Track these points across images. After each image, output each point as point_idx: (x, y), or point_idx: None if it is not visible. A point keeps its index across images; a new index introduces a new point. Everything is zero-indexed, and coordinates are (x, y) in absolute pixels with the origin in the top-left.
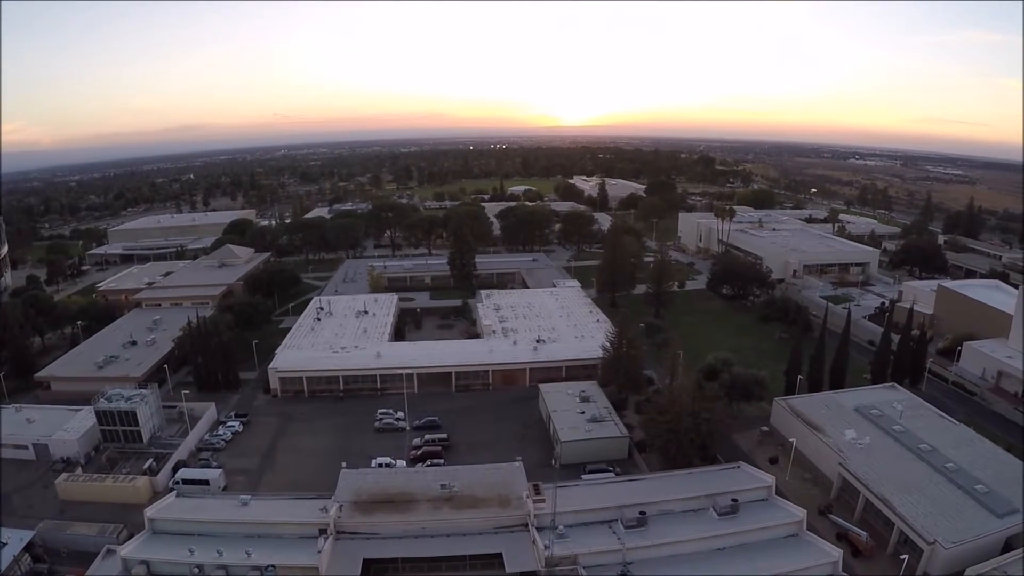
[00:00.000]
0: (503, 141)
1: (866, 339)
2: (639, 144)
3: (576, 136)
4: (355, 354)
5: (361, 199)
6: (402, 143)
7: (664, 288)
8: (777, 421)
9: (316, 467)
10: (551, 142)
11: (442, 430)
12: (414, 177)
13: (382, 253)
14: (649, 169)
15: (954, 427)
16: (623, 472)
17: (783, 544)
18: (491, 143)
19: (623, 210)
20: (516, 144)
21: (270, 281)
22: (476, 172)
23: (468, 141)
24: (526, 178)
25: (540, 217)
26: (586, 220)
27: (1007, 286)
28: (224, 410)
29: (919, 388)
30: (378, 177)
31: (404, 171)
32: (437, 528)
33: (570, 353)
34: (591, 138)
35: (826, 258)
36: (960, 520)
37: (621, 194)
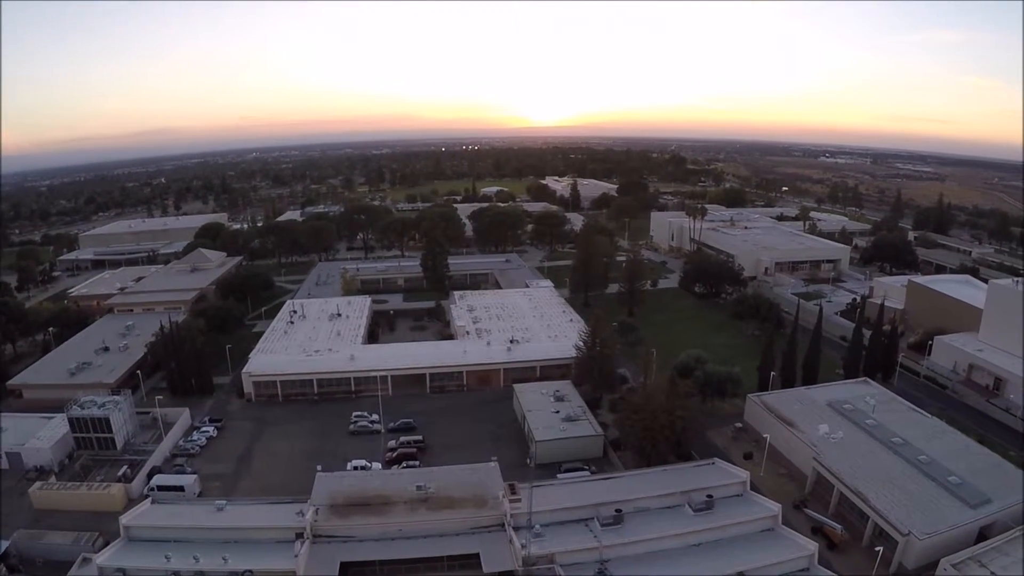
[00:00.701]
0: (475, 142)
1: (838, 335)
2: (611, 144)
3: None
4: (329, 357)
5: (333, 201)
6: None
7: (637, 287)
8: (751, 417)
9: (291, 471)
10: (523, 143)
11: (417, 432)
12: (386, 179)
13: (355, 255)
14: (621, 169)
15: (926, 420)
16: (598, 470)
17: (759, 539)
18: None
19: (595, 210)
20: (488, 145)
21: (242, 285)
22: (448, 173)
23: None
24: (498, 179)
25: (512, 218)
26: (558, 220)
27: (977, 281)
28: (198, 415)
29: (891, 382)
30: (350, 179)
31: (376, 173)
32: (414, 530)
33: (544, 353)
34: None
35: (798, 255)
36: (934, 511)
37: (593, 194)
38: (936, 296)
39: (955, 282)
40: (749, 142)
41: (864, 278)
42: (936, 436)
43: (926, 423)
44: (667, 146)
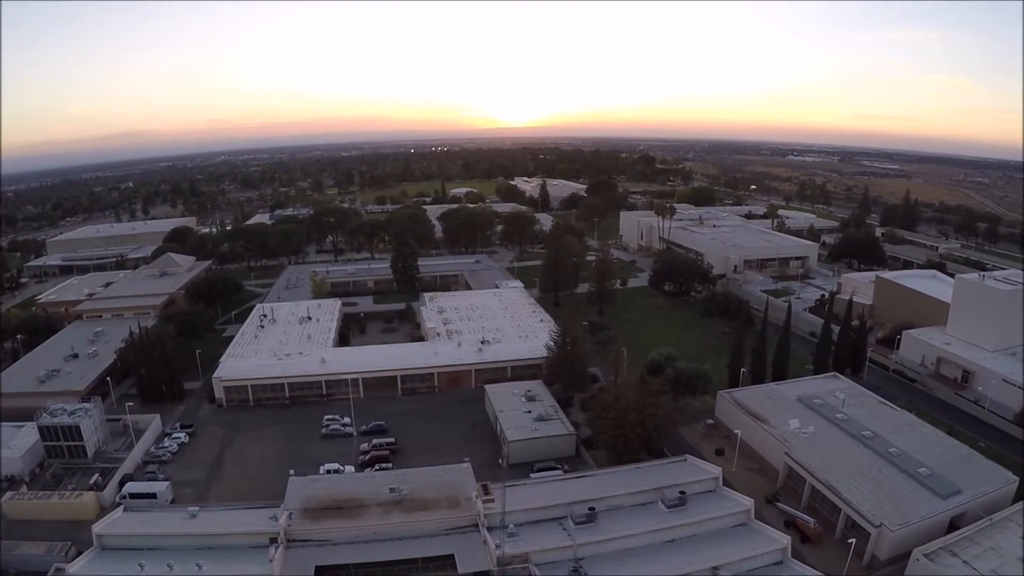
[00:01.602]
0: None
1: (807, 331)
2: (580, 145)
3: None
4: (300, 361)
5: (302, 204)
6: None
7: (606, 286)
8: (722, 414)
9: (264, 476)
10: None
11: (389, 434)
12: (355, 181)
13: (324, 258)
14: (590, 169)
15: (896, 413)
16: (571, 469)
17: (732, 533)
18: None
19: (565, 210)
20: (457, 146)
21: (212, 289)
22: (418, 175)
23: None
24: (468, 180)
25: (482, 219)
26: (528, 221)
27: (944, 275)
28: (169, 421)
29: (860, 377)
30: (319, 182)
31: (345, 175)
32: (388, 532)
33: (515, 353)
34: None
35: (766, 253)
36: (905, 503)
37: (562, 194)
38: (904, 291)
39: (922, 277)
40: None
41: (832, 274)
42: (906, 429)
43: (896, 416)
44: (636, 146)
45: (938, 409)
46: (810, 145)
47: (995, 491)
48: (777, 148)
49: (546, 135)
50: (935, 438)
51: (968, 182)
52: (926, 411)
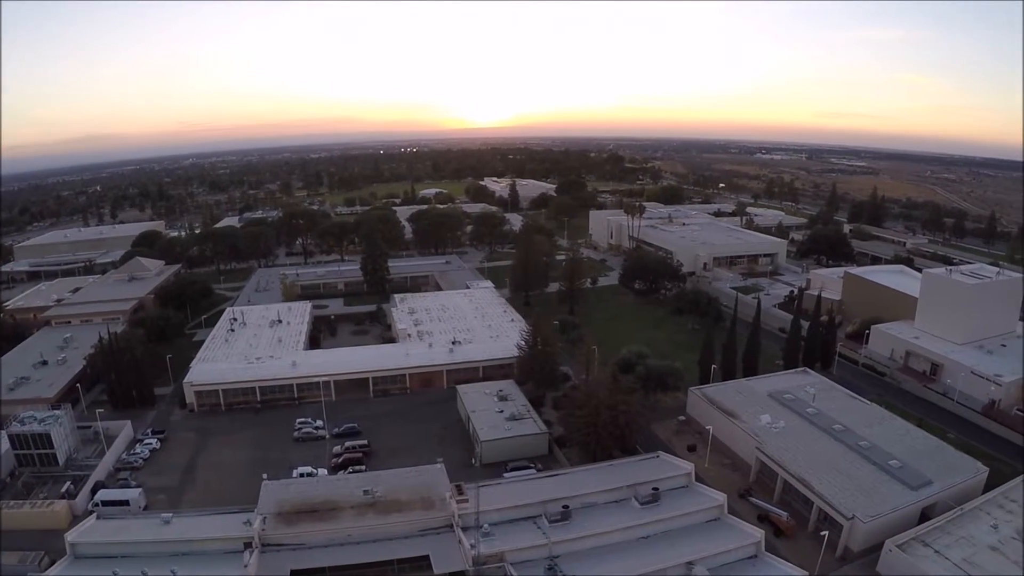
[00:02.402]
0: (413, 144)
1: (777, 327)
2: (549, 144)
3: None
4: (271, 364)
5: (271, 207)
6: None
7: (577, 285)
8: (693, 410)
9: (237, 480)
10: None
11: (362, 436)
12: (324, 183)
13: (294, 261)
14: (559, 169)
15: (866, 407)
16: (544, 468)
17: (706, 528)
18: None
19: (534, 210)
20: (427, 147)
21: (181, 293)
22: (387, 176)
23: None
24: (437, 181)
25: (452, 219)
26: (497, 221)
27: (911, 270)
28: (140, 427)
29: (830, 371)
30: (288, 184)
31: (314, 177)
32: (363, 534)
33: (486, 353)
34: (501, 139)
35: (735, 250)
36: (876, 495)
37: (532, 194)
38: (872, 286)
39: (890, 272)
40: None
41: (801, 271)
42: (876, 422)
43: (866, 409)
44: (605, 145)
45: (907, 402)
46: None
47: (965, 481)
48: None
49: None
50: (905, 430)
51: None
52: (896, 404)
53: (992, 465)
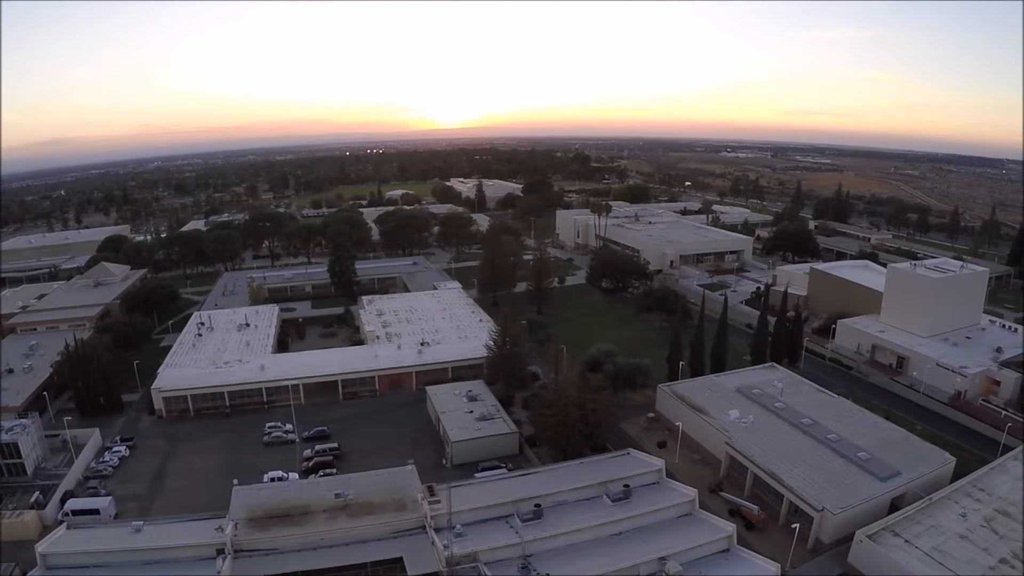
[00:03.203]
0: (380, 146)
1: (744, 323)
2: (515, 144)
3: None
4: (239, 368)
5: (238, 210)
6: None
7: (544, 285)
8: (662, 407)
9: (208, 486)
10: (428, 145)
11: (332, 439)
12: (291, 185)
13: (261, 264)
14: (525, 169)
15: (833, 400)
16: (515, 468)
17: (678, 524)
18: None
19: (501, 210)
20: (393, 148)
21: (148, 298)
22: (353, 178)
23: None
24: (404, 182)
25: (419, 220)
26: (465, 221)
27: (876, 265)
28: (109, 435)
29: (797, 366)
30: (254, 187)
31: (281, 179)
32: (336, 538)
33: (455, 354)
34: (468, 140)
35: (702, 248)
36: (846, 487)
37: (499, 194)
38: (837, 282)
39: (855, 267)
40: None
41: (767, 267)
42: (844, 415)
43: (833, 403)
44: (571, 145)
45: (874, 395)
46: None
47: (933, 472)
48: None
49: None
50: (872, 423)
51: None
52: (863, 397)
53: (959, 455)
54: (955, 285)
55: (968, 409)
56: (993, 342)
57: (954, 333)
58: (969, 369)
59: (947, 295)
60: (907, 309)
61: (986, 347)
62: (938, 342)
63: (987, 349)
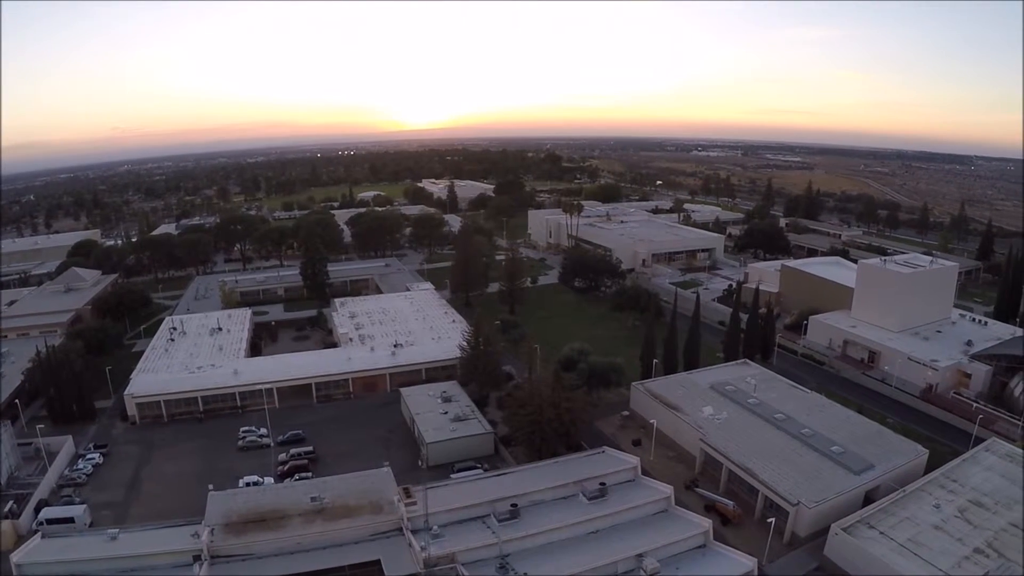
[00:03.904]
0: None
1: (716, 320)
2: (487, 145)
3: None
4: (212, 373)
5: (209, 213)
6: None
7: (517, 285)
8: (637, 405)
9: (183, 492)
10: (399, 146)
11: (307, 443)
12: (262, 188)
13: (233, 267)
14: (497, 169)
15: (806, 395)
16: (491, 468)
17: (654, 520)
18: (339, 150)
19: (473, 211)
20: (364, 150)
21: (119, 303)
22: (325, 180)
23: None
24: (375, 183)
25: (390, 222)
26: (437, 222)
27: (847, 261)
28: (82, 442)
29: (770, 362)
30: (225, 189)
31: (252, 182)
32: (313, 542)
33: (428, 355)
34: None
35: (673, 246)
36: (820, 481)
37: (470, 195)
38: (809, 278)
39: (826, 264)
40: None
41: (739, 265)
42: (817, 409)
43: (806, 398)
44: (542, 145)
45: (847, 389)
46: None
47: (906, 464)
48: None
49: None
50: (845, 417)
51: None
52: (835, 392)
53: (931, 447)
54: (925, 280)
55: (940, 402)
56: (963, 335)
57: (925, 327)
58: (940, 362)
59: (917, 290)
60: (878, 304)
61: (957, 341)
62: (909, 336)
63: (957, 343)
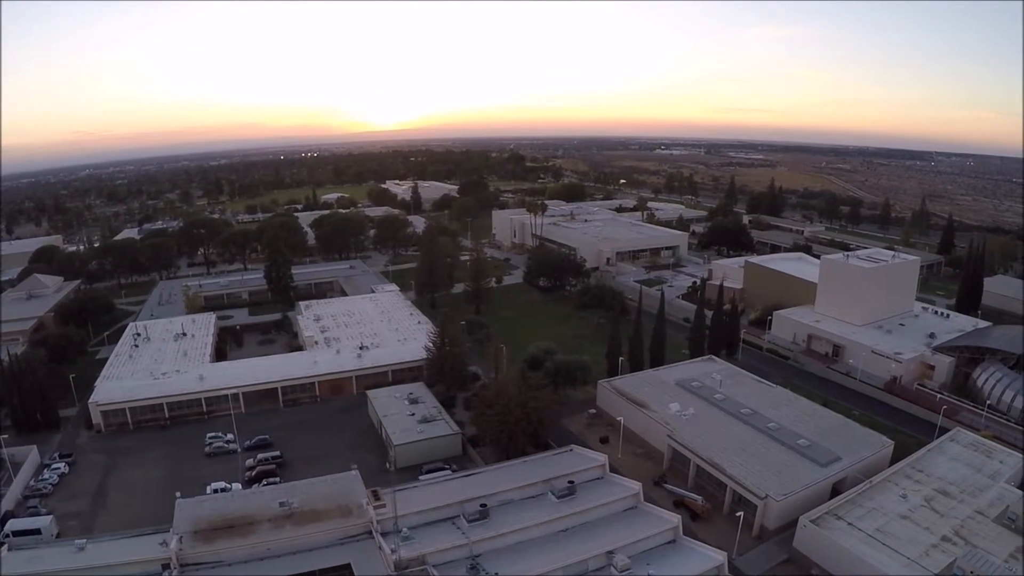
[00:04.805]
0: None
1: (681, 317)
2: (450, 146)
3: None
4: (177, 379)
5: (172, 217)
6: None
7: (482, 285)
8: (603, 402)
9: (151, 500)
10: (362, 148)
11: (274, 447)
12: (225, 191)
13: (197, 272)
14: (461, 170)
15: (771, 390)
16: (460, 468)
17: (623, 517)
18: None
19: (437, 211)
20: (328, 152)
21: (83, 310)
22: (288, 182)
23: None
24: (339, 185)
25: (354, 224)
26: (401, 224)
27: (810, 257)
28: (47, 452)
29: (735, 358)
30: (188, 193)
31: (215, 185)
32: (282, 547)
33: (394, 357)
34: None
35: (637, 244)
36: (788, 474)
37: (434, 196)
38: (772, 274)
39: (789, 260)
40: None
41: (703, 262)
42: (783, 404)
43: (772, 392)
44: (506, 145)
45: (812, 383)
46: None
47: (872, 455)
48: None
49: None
50: (811, 410)
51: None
52: (800, 386)
53: (897, 438)
54: (887, 274)
55: (904, 394)
56: (926, 328)
57: (888, 321)
58: (904, 355)
59: (880, 284)
60: (841, 299)
61: (919, 333)
62: (872, 330)
63: (920, 335)
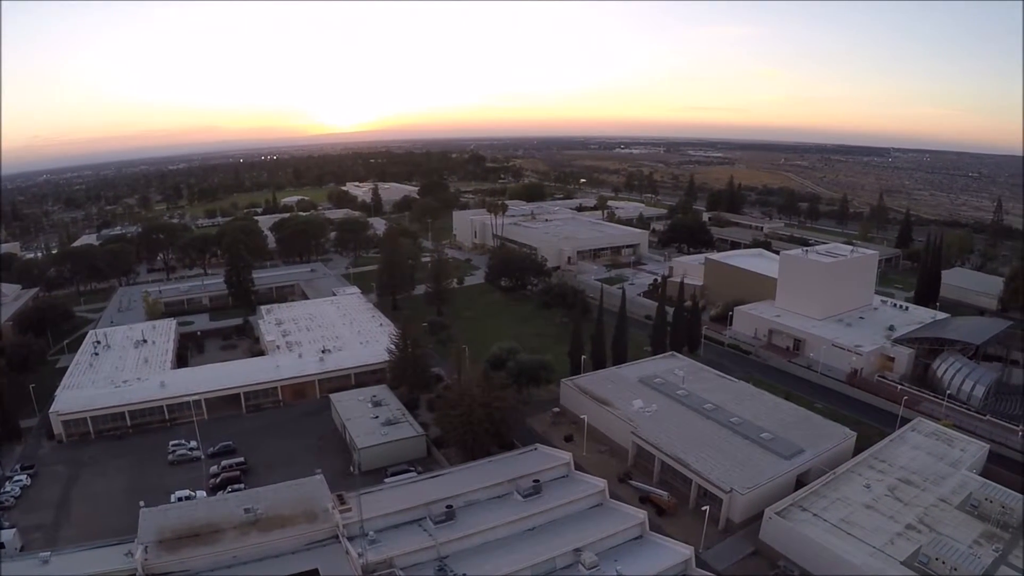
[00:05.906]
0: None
1: (643, 315)
2: (410, 147)
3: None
4: (138, 386)
5: (130, 222)
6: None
7: (443, 286)
8: (567, 401)
9: (115, 510)
10: (322, 150)
11: (238, 454)
12: (184, 195)
13: (156, 277)
14: (421, 171)
15: (734, 384)
16: (425, 470)
17: (590, 514)
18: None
19: (398, 213)
20: (288, 154)
21: (41, 318)
22: (248, 185)
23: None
24: (299, 188)
25: (315, 226)
26: (361, 226)
27: (770, 253)
28: (8, 464)
29: (697, 354)
30: (147, 198)
31: (174, 189)
32: (249, 554)
33: (357, 360)
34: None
35: (598, 243)
36: (752, 467)
37: (395, 197)
38: (732, 270)
39: (749, 256)
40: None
41: (663, 259)
42: (745, 398)
43: (734, 387)
44: (466, 145)
45: (774, 377)
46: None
47: (835, 447)
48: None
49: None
50: (774, 404)
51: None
52: (763, 380)
53: (859, 429)
54: (846, 268)
55: (865, 385)
56: (885, 321)
57: (848, 314)
58: (864, 347)
59: (839, 278)
60: (801, 293)
61: (879, 326)
62: (833, 323)
63: (880, 328)
